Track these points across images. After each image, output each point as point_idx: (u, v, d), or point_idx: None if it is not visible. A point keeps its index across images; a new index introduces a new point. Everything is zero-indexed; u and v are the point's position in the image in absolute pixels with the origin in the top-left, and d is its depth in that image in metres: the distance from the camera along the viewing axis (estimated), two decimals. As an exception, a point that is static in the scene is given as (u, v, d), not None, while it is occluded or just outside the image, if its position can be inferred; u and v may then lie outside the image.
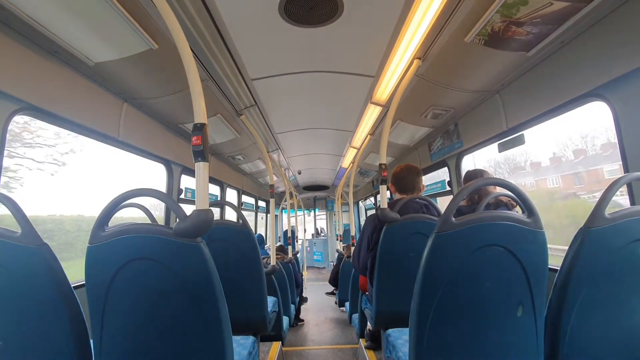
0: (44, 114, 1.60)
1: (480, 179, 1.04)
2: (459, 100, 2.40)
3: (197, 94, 1.10)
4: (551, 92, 1.77)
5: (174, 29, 1.13)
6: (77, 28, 1.42)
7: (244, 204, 5.55)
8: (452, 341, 1.01)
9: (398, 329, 1.71)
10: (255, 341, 1.71)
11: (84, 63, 1.67)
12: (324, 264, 10.32)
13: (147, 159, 2.64)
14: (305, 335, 4.10)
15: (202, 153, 1.05)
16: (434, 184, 3.73)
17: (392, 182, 2.07)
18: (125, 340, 1.01)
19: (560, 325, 0.99)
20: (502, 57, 1.78)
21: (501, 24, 1.49)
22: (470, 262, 0.97)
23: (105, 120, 2.02)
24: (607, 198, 0.96)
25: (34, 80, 1.52)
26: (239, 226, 1.93)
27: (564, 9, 1.36)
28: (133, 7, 1.36)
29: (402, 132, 3.26)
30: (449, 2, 1.42)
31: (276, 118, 3.20)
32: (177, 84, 2.05)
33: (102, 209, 1.02)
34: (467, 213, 1.02)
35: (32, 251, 0.93)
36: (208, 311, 0.98)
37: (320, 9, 1.56)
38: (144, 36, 1.51)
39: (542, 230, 1.00)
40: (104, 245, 0.97)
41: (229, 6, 1.50)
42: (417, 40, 1.72)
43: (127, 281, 0.97)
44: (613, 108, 1.45)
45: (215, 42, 1.74)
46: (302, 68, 2.21)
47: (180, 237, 0.96)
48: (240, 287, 1.91)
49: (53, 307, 0.95)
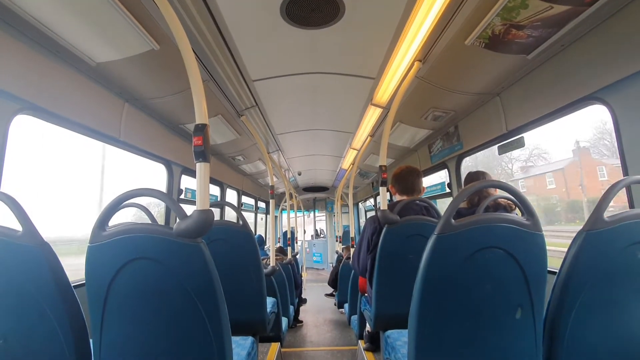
0: (45, 114, 1.61)
1: (479, 181, 1.04)
2: (459, 102, 2.41)
3: (198, 94, 1.10)
4: (551, 95, 1.77)
5: (175, 30, 1.13)
6: (79, 28, 1.43)
7: (243, 205, 5.56)
8: (451, 343, 1.02)
9: (397, 331, 1.71)
10: (254, 342, 1.71)
11: (86, 63, 1.67)
12: (324, 265, 10.31)
13: (148, 159, 2.65)
14: (304, 336, 4.09)
15: (203, 153, 1.06)
16: (434, 186, 3.73)
17: (392, 184, 2.07)
18: (124, 340, 1.01)
19: (559, 328, 0.99)
20: (503, 60, 1.79)
21: (502, 27, 1.49)
22: (470, 264, 0.97)
23: (106, 121, 2.02)
24: (606, 201, 0.96)
25: (36, 80, 1.52)
26: (239, 227, 1.93)
27: (565, 13, 1.37)
28: (135, 8, 1.36)
29: (402, 133, 3.27)
30: (450, 5, 1.42)
31: (277, 119, 3.20)
32: (178, 84, 2.06)
33: (103, 208, 1.02)
34: (467, 215, 1.02)
35: (33, 250, 0.93)
36: (208, 311, 0.99)
37: (321, 10, 1.57)
38: (145, 37, 1.52)
39: (541, 233, 1.00)
40: (104, 245, 0.97)
41: (231, 7, 1.51)
42: (418, 43, 1.72)
43: (127, 281, 0.97)
44: (613, 111, 1.45)
45: (216, 43, 1.75)
46: (303, 69, 2.22)
47: (180, 237, 0.96)
48: (240, 288, 1.91)
49: (53, 306, 0.95)
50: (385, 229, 1.75)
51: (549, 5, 1.33)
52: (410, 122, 2.95)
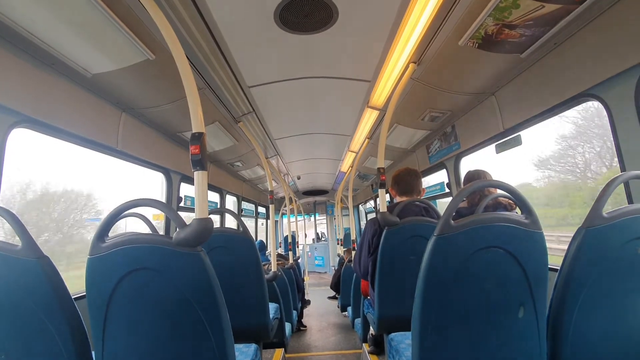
0: (42, 127, 1.61)
1: (477, 181, 1.04)
2: (456, 102, 2.42)
3: (194, 103, 1.10)
4: (546, 93, 1.78)
5: (170, 39, 1.14)
6: (74, 40, 1.43)
7: (243, 211, 5.55)
8: (454, 344, 1.01)
9: (401, 333, 1.70)
10: (257, 349, 1.70)
11: (81, 74, 1.68)
12: (325, 269, 10.28)
13: (146, 168, 2.64)
14: (308, 341, 4.07)
15: (201, 162, 1.06)
16: (433, 187, 3.73)
17: (391, 186, 2.07)
18: (127, 351, 1.01)
19: (562, 325, 0.99)
20: (497, 60, 1.80)
21: (494, 27, 1.51)
22: (471, 264, 0.97)
23: (103, 131, 2.03)
24: (605, 197, 0.97)
25: (32, 92, 1.52)
26: (239, 233, 1.93)
27: (556, 11, 1.38)
28: (129, 18, 1.37)
29: (400, 135, 3.28)
30: (442, 7, 1.43)
31: (274, 124, 3.21)
32: (174, 93, 2.07)
33: (102, 219, 1.02)
34: (467, 215, 1.02)
35: (33, 264, 0.93)
36: (209, 320, 0.98)
37: (315, 15, 1.58)
38: (140, 47, 1.52)
39: (540, 231, 1.00)
40: (104, 257, 0.97)
41: (224, 14, 1.52)
42: (412, 45, 1.73)
43: (128, 292, 0.97)
44: (608, 107, 1.46)
45: (211, 51, 1.76)
46: (299, 74, 2.23)
47: (180, 247, 0.96)
48: (242, 295, 1.90)
49: (54, 319, 0.95)
50: (386, 231, 1.75)
51: (540, 4, 1.34)
52: (408, 124, 2.96)
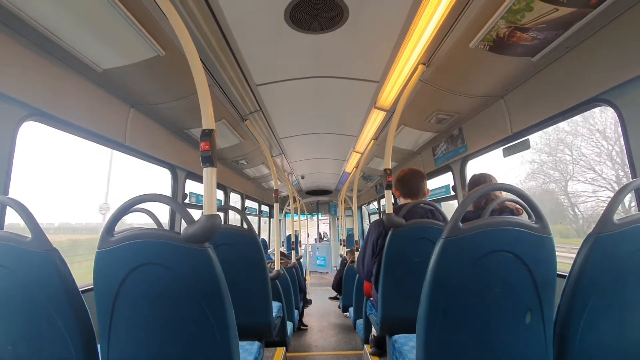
0: (52, 120, 1.62)
1: (489, 184, 1.03)
2: (464, 105, 2.40)
3: (205, 100, 1.10)
4: (556, 97, 1.76)
5: (181, 36, 1.14)
6: (86, 35, 1.44)
7: (247, 209, 5.56)
8: (460, 347, 1.00)
9: (405, 335, 1.69)
10: (260, 347, 1.70)
11: (92, 69, 1.69)
12: (327, 269, 10.28)
13: (153, 164, 2.66)
14: (309, 340, 4.07)
15: (210, 158, 1.06)
16: (438, 189, 3.72)
17: (396, 187, 2.06)
18: (132, 346, 1.01)
19: (569, 332, 0.98)
20: (507, 63, 1.79)
21: (506, 29, 1.49)
22: (478, 267, 0.96)
23: (112, 126, 2.04)
24: (616, 204, 0.95)
25: (43, 86, 1.54)
26: (244, 231, 1.93)
27: (570, 15, 1.36)
28: (141, 14, 1.38)
29: (406, 136, 3.26)
30: (454, 8, 1.42)
31: (280, 123, 3.21)
32: (183, 89, 2.07)
33: (111, 214, 1.03)
34: (473, 219, 1.01)
35: (42, 256, 0.94)
36: (215, 316, 0.98)
37: (325, 15, 1.58)
38: (151, 43, 1.53)
39: (550, 236, 0.99)
40: (112, 251, 0.97)
41: (235, 13, 1.52)
42: (422, 46, 1.72)
43: (136, 286, 0.97)
44: (620, 113, 1.44)
45: (221, 48, 1.76)
46: (307, 73, 2.23)
47: (188, 243, 0.96)
48: (246, 293, 1.91)
49: (62, 312, 0.95)
50: (391, 233, 1.74)
51: (554, 7, 1.33)
52: (414, 125, 2.94)
